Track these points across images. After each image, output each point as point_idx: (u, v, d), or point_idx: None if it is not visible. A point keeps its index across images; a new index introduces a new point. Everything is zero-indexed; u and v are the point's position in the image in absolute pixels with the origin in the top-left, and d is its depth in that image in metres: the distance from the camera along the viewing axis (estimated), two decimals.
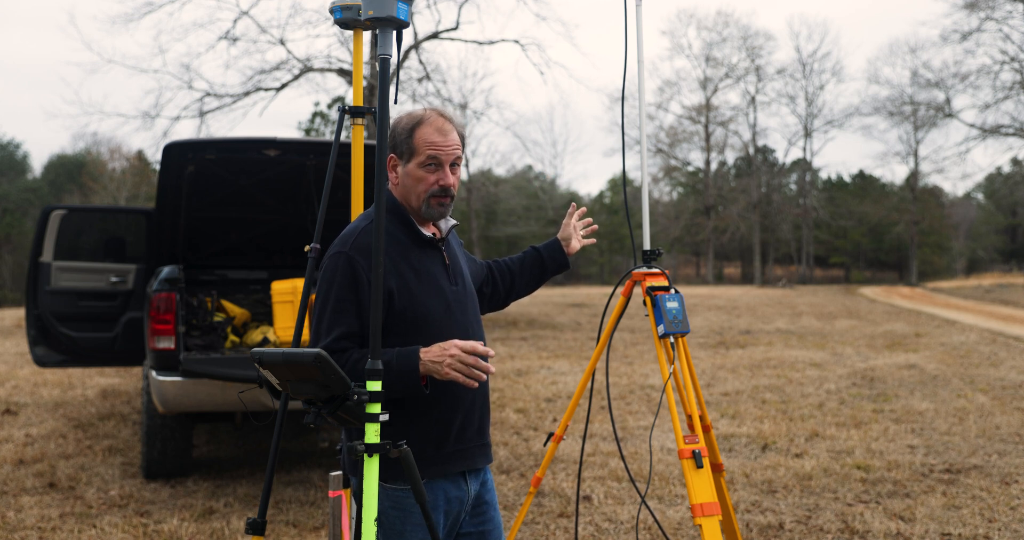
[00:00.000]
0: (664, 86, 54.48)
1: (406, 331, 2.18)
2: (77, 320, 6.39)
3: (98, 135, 54.24)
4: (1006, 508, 4.88)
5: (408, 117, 2.27)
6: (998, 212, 61.17)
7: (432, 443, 2.23)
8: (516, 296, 2.71)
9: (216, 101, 19.45)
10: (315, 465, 6.13)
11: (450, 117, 2.29)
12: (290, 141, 5.58)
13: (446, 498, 2.26)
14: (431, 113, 2.26)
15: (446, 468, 2.25)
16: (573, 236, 2.77)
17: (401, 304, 2.18)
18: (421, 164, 2.23)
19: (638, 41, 3.42)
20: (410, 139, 2.23)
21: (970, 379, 9.65)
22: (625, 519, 4.79)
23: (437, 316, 2.23)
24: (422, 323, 2.20)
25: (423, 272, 2.24)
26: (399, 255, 2.22)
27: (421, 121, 2.24)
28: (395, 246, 2.22)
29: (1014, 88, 35.63)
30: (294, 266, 6.91)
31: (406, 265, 2.22)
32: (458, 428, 2.26)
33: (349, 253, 2.17)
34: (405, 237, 2.26)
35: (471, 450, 2.31)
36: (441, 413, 2.23)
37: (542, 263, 2.71)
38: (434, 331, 2.20)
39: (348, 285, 2.16)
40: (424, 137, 2.22)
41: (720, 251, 56.94)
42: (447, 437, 2.25)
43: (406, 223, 2.27)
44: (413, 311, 2.19)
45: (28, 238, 37.19)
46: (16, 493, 5.41)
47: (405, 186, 2.27)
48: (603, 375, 6.45)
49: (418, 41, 19.81)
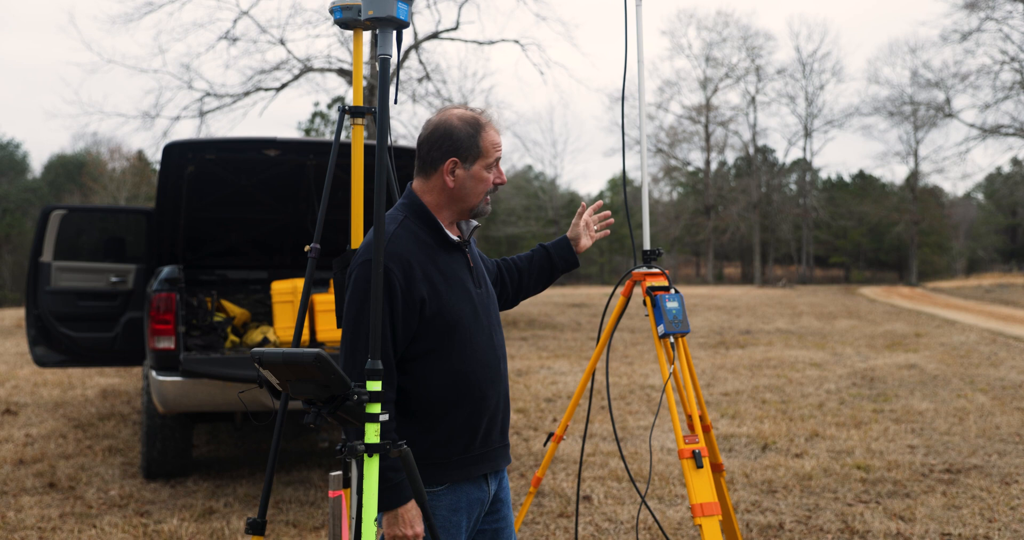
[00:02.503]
0: (664, 86, 54.57)
1: (437, 336, 2.17)
2: (77, 320, 6.39)
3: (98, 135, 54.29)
4: (1006, 508, 4.87)
5: (465, 121, 2.25)
6: (998, 212, 61.17)
7: (459, 448, 2.22)
8: (525, 295, 2.70)
9: (216, 101, 19.46)
10: (315, 465, 6.13)
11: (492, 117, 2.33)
12: (290, 141, 5.57)
13: (468, 500, 2.26)
14: (485, 115, 2.29)
15: (471, 471, 2.25)
16: (583, 234, 2.74)
17: (432, 310, 2.16)
18: (487, 166, 2.25)
19: (638, 41, 3.42)
20: (476, 142, 2.23)
21: (970, 379, 9.65)
22: (625, 519, 4.79)
23: (466, 320, 2.22)
24: (452, 328, 2.18)
25: (451, 276, 2.22)
26: (428, 260, 2.19)
27: (484, 124, 2.26)
28: (423, 250, 2.19)
29: (1014, 88, 35.64)
30: (294, 266, 6.91)
31: (435, 270, 2.19)
32: (484, 431, 2.26)
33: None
34: (432, 241, 2.23)
35: (494, 452, 2.31)
36: (468, 417, 2.22)
37: (551, 261, 2.69)
38: (463, 335, 2.20)
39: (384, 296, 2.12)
40: (491, 139, 2.25)
41: (720, 251, 56.95)
42: (473, 441, 2.24)
43: (433, 227, 2.25)
44: (443, 316, 2.17)
45: (28, 238, 37.19)
46: (16, 493, 5.41)
47: (465, 188, 2.25)
48: (603, 375, 6.45)
49: (418, 41, 19.82)
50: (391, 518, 2.10)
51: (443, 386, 2.18)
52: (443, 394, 2.18)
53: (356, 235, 2.83)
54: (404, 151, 5.43)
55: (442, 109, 2.31)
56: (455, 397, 2.19)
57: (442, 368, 2.18)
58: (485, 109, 2.33)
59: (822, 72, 59.28)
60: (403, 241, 2.16)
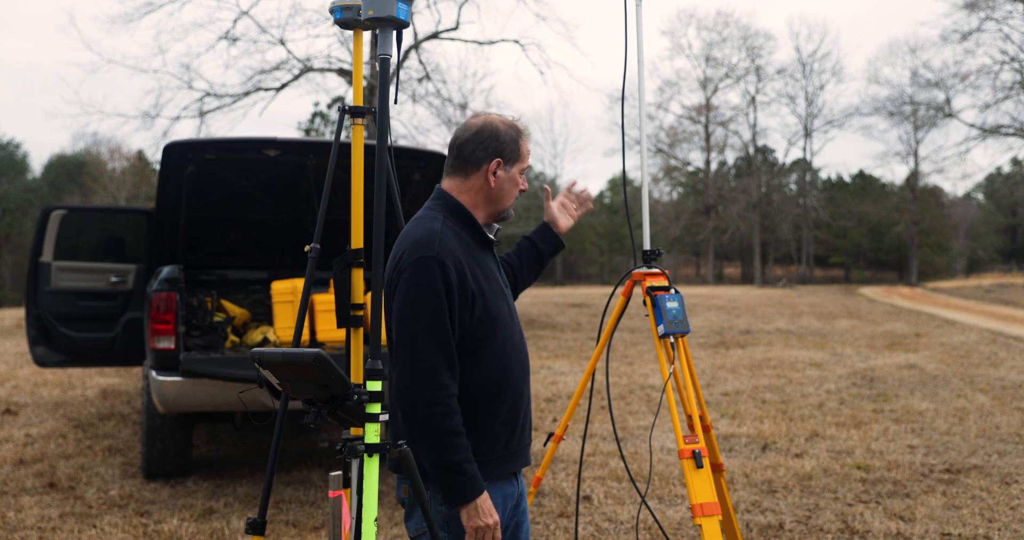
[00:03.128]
0: (664, 86, 54.58)
1: (482, 335, 2.19)
2: (77, 320, 6.39)
3: (98, 135, 54.29)
4: (1006, 508, 4.88)
5: (508, 125, 2.32)
6: (998, 212, 61.18)
7: (501, 444, 2.24)
8: (523, 288, 2.72)
9: (216, 101, 19.47)
10: (315, 465, 6.13)
11: None
12: (290, 141, 5.57)
13: (503, 497, 2.27)
14: (519, 120, 2.38)
15: (508, 468, 2.27)
16: (559, 216, 2.72)
17: (480, 309, 2.18)
18: (522, 170, 2.35)
19: (638, 41, 3.42)
20: (517, 147, 2.32)
21: (970, 379, 9.65)
22: (625, 519, 4.79)
23: (504, 318, 2.25)
24: (494, 326, 2.21)
25: (490, 275, 2.26)
26: (471, 258, 2.21)
27: (522, 130, 2.35)
28: (466, 249, 2.21)
29: (1014, 88, 35.65)
30: (294, 266, 6.91)
31: (478, 269, 2.21)
32: (520, 427, 2.30)
33: (438, 257, 2.12)
34: (472, 240, 2.26)
35: (526, 448, 2.34)
36: (509, 413, 2.24)
37: (537, 249, 2.70)
38: (503, 333, 2.23)
39: (443, 293, 2.12)
40: (527, 146, 2.36)
41: (720, 251, 56.95)
42: (512, 437, 2.27)
43: (473, 225, 2.28)
44: (488, 314, 2.20)
45: (28, 238, 37.19)
46: (16, 493, 5.41)
47: (502, 189, 2.30)
48: (603, 375, 6.45)
49: (418, 41, 19.82)
50: (470, 511, 2.09)
51: (486, 385, 2.20)
52: (485, 393, 2.20)
53: (356, 235, 2.83)
54: (404, 151, 5.43)
55: (477, 114, 2.38)
56: (497, 395, 2.21)
57: (485, 367, 2.19)
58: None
59: (822, 72, 59.41)
60: (451, 239, 2.18)
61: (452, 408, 2.08)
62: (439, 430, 2.04)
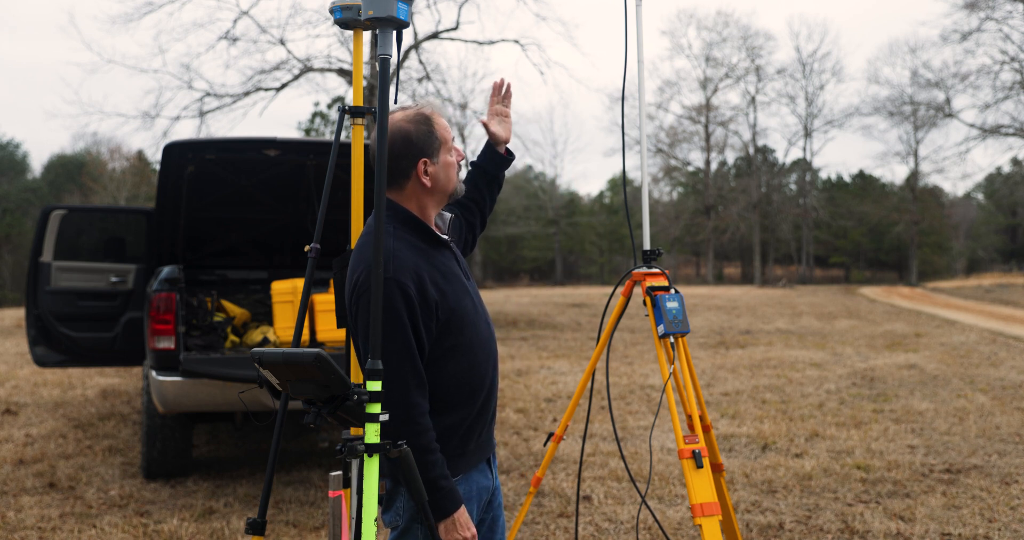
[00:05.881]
0: (664, 86, 54.55)
1: (452, 335, 2.19)
2: (77, 320, 6.39)
3: (98, 135, 54.24)
4: (1006, 508, 4.88)
5: (415, 121, 2.25)
6: (998, 212, 61.15)
7: (475, 434, 2.27)
8: (489, 212, 2.71)
9: (216, 101, 19.46)
10: (315, 465, 6.13)
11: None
12: (290, 141, 5.57)
13: (478, 489, 2.29)
14: (421, 105, 2.31)
15: (478, 458, 2.29)
16: (498, 130, 2.68)
17: (444, 313, 2.18)
18: (449, 150, 2.31)
19: (638, 41, 3.42)
20: (433, 135, 2.27)
21: (970, 379, 9.65)
22: (625, 519, 4.79)
23: (470, 316, 2.25)
24: (461, 325, 2.22)
25: (449, 274, 2.25)
26: (428, 264, 2.20)
27: (430, 115, 2.28)
28: (422, 256, 2.20)
29: (1014, 88, 35.64)
30: (294, 266, 6.91)
31: (436, 273, 2.21)
32: (492, 415, 2.33)
33: (395, 277, 2.11)
34: (425, 244, 2.25)
35: (491, 436, 2.37)
36: (482, 405, 2.27)
37: (486, 173, 2.68)
38: (470, 331, 2.24)
39: (405, 313, 2.12)
40: (442, 125, 2.30)
41: (720, 251, 56.93)
42: (483, 427, 2.30)
43: (423, 230, 2.26)
44: (454, 315, 2.20)
45: (28, 238, 37.18)
46: (16, 493, 5.41)
47: (440, 180, 2.28)
48: (603, 375, 6.45)
49: (418, 41, 19.82)
50: (448, 525, 2.12)
51: (460, 380, 2.22)
52: (460, 387, 2.22)
53: (356, 235, 2.83)
54: None
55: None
56: (470, 388, 2.23)
57: (457, 364, 2.21)
58: (417, 100, 2.36)
59: (822, 72, 59.31)
60: (405, 252, 2.17)
61: (424, 426, 2.10)
62: (413, 449, 2.05)
